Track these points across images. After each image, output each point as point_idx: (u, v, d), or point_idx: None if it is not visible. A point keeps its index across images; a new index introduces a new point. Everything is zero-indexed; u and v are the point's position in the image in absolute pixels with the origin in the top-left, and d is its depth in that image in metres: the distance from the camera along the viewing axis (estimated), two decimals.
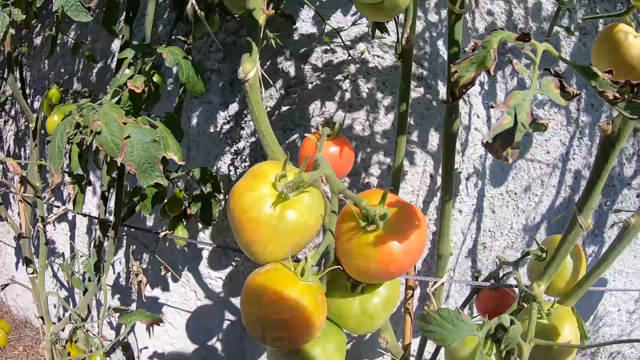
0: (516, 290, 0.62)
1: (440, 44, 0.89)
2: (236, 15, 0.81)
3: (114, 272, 1.30)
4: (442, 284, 0.56)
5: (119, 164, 0.55)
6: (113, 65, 1.16)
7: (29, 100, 1.31)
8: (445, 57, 0.89)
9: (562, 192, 1.04)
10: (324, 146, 0.54)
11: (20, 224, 1.17)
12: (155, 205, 0.76)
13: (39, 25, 1.33)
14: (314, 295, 0.38)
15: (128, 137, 0.43)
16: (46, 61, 1.32)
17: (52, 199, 1.34)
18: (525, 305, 0.55)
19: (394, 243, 0.36)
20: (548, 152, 1.00)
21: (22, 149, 1.43)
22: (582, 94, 0.97)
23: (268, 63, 0.86)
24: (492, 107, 0.30)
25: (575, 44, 0.99)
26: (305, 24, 0.84)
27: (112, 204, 0.95)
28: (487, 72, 0.37)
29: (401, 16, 0.54)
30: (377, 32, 0.58)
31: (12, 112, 1.42)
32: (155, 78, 0.61)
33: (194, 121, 1.01)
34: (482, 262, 0.99)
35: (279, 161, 0.44)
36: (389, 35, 0.56)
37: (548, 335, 0.52)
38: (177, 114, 0.63)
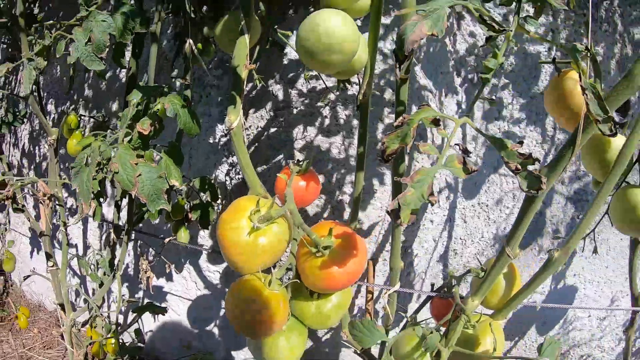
0: None
1: (417, 69, 1.01)
2: None
3: (124, 263, 1.48)
4: (395, 291, 0.71)
5: (133, 196, 0.70)
6: (121, 76, 1.31)
7: (42, 103, 1.47)
8: (421, 82, 1.01)
9: None
10: (294, 181, 0.69)
11: (32, 215, 1.34)
12: (160, 214, 0.92)
13: None
14: (277, 300, 0.54)
15: (139, 175, 0.59)
16: (58, 67, 1.47)
17: (67, 195, 1.51)
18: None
19: (335, 268, 0.52)
20: None
21: (37, 147, 1.60)
22: None
23: (260, 85, 1.00)
24: (400, 181, 0.44)
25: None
26: (294, 49, 0.97)
27: (123, 202, 1.11)
28: (404, 147, 0.50)
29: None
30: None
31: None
32: (159, 110, 0.76)
33: None
34: (453, 266, 1.14)
35: (256, 196, 0.59)
36: (352, 87, 0.70)
37: (471, 344, 0.65)
38: (178, 141, 0.78)
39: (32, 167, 1.62)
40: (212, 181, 1.00)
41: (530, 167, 0.49)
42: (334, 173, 0.91)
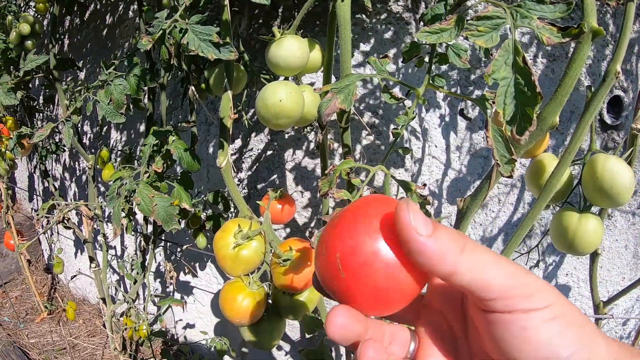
0: None
1: (396, 90, 1.23)
2: None
3: (155, 261, 1.82)
4: None
5: (151, 219, 0.99)
6: (145, 100, 1.61)
7: (79, 133, 1.81)
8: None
9: (520, 209, 1.31)
10: (272, 204, 0.94)
11: (76, 222, 1.69)
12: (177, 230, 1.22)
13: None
14: (254, 298, 0.80)
15: (156, 204, 0.87)
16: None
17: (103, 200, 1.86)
18: None
19: (292, 274, 0.77)
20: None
21: (76, 162, 1.96)
22: None
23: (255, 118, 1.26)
24: (323, 219, 0.68)
25: (542, 71, 1.26)
26: None
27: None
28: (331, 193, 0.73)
29: None
30: None
31: None
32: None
33: (210, 150, 1.45)
34: None
35: (242, 218, 0.86)
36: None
37: None
38: (195, 158, 1.05)
39: (74, 179, 1.99)
40: (225, 193, 1.28)
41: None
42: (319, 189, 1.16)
